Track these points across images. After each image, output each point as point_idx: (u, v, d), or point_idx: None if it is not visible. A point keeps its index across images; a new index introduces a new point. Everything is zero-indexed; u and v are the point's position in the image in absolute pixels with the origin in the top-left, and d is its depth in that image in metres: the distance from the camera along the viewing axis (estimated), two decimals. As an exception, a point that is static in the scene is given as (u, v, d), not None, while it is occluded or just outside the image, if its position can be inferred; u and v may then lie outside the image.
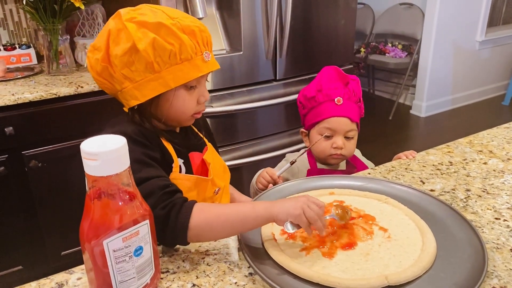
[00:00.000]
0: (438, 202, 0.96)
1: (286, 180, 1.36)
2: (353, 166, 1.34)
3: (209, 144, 1.10)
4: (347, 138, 1.28)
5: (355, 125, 1.28)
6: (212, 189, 1.03)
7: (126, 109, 0.95)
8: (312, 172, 1.31)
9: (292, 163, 1.21)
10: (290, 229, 0.77)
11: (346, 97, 1.26)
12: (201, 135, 1.10)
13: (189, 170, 0.99)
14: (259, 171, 1.29)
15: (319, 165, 1.33)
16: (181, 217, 0.78)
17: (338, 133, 1.26)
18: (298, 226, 0.78)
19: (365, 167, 1.33)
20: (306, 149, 1.29)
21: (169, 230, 0.78)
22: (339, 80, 1.27)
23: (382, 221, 0.90)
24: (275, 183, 1.22)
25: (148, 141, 0.90)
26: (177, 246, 0.86)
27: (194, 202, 0.81)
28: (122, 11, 0.88)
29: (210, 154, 1.06)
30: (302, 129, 1.37)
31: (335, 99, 1.25)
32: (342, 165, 1.35)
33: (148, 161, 0.86)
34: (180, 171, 0.96)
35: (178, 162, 0.96)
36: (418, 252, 0.80)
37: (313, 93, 1.28)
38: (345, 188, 1.04)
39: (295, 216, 0.77)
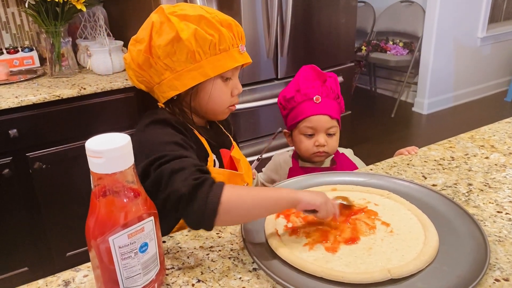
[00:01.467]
0: (440, 196, 0.96)
1: (270, 178, 1.38)
2: (335, 163, 1.34)
3: (234, 143, 1.14)
4: (329, 135, 1.29)
5: (335, 122, 1.29)
6: (242, 184, 1.06)
7: (161, 104, 0.99)
8: (294, 170, 1.32)
9: (258, 159, 1.23)
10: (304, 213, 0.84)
11: (324, 95, 1.27)
12: (228, 134, 1.14)
13: (221, 165, 1.02)
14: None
15: (301, 163, 1.35)
16: (214, 189, 0.76)
17: (319, 131, 1.27)
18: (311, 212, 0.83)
19: (354, 167, 1.33)
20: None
21: (200, 201, 0.75)
22: (316, 78, 1.28)
23: (384, 216, 0.91)
24: None
25: (186, 131, 0.93)
26: (182, 241, 0.87)
27: (223, 182, 0.80)
28: (164, 6, 0.94)
29: (237, 151, 1.10)
30: (284, 130, 1.39)
31: (314, 98, 1.26)
32: (326, 163, 1.35)
33: (186, 146, 0.89)
34: (214, 165, 0.99)
35: (212, 156, 0.99)
36: (420, 246, 0.80)
37: (292, 93, 1.29)
38: (348, 184, 1.04)
39: (319, 203, 0.81)
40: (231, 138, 1.15)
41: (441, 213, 0.91)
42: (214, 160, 1.00)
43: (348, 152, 1.41)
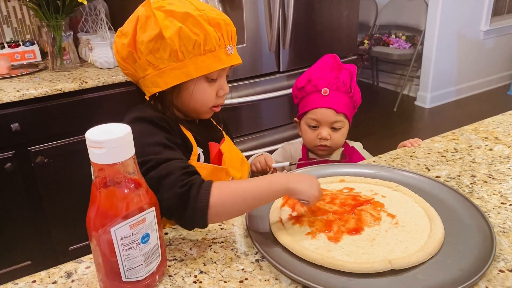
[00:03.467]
0: (449, 189, 0.95)
1: (281, 167, 1.38)
2: (346, 157, 1.34)
3: (226, 136, 1.12)
4: (334, 129, 1.28)
5: (342, 116, 1.27)
6: (226, 179, 1.04)
7: (147, 97, 0.98)
8: (303, 163, 1.32)
9: (291, 164, 1.23)
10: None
11: (334, 88, 1.25)
12: (220, 128, 1.13)
13: (207, 160, 1.01)
14: (257, 154, 1.31)
15: (310, 155, 1.35)
16: (201, 195, 0.77)
17: (323, 124, 1.27)
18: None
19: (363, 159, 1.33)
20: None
21: (189, 209, 0.77)
22: (332, 70, 1.27)
23: (390, 207, 0.90)
24: (265, 172, 1.25)
25: (170, 127, 0.92)
26: (184, 233, 0.86)
27: (211, 181, 0.80)
28: None
29: (226, 145, 1.08)
30: (295, 118, 1.38)
31: (322, 90, 1.25)
32: (336, 157, 1.34)
33: (170, 145, 0.88)
34: (199, 160, 0.98)
35: (197, 150, 0.98)
36: (425, 238, 0.80)
37: (304, 83, 1.29)
38: (356, 175, 1.03)
39: (310, 196, 0.82)
40: (223, 132, 1.12)
41: (450, 207, 0.89)
42: (199, 154, 0.98)
43: (358, 146, 1.40)
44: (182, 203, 0.77)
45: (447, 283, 0.69)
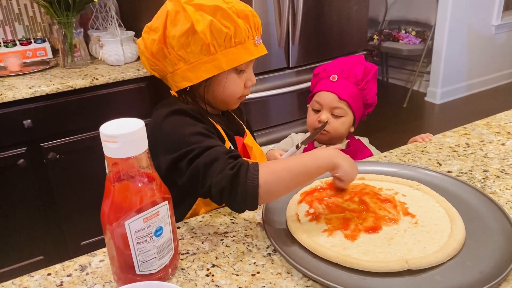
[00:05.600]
0: (472, 189, 0.93)
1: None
2: (350, 147, 1.34)
3: (247, 130, 1.13)
4: (334, 116, 1.29)
5: (343, 104, 1.28)
6: None
7: (173, 92, 0.99)
8: (308, 150, 1.32)
9: (297, 147, 1.23)
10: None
11: (344, 76, 1.28)
12: (240, 121, 1.14)
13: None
14: (268, 149, 1.33)
15: (316, 144, 1.37)
16: (251, 174, 0.78)
17: (324, 107, 1.30)
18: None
19: (369, 153, 1.33)
20: (311, 135, 1.29)
21: (240, 189, 0.77)
22: (352, 64, 1.28)
23: (411, 207, 0.88)
24: None
25: (204, 118, 0.93)
26: (196, 227, 0.87)
27: (257, 162, 0.82)
28: None
29: (250, 139, 1.10)
30: (307, 105, 1.42)
31: (331, 76, 1.28)
32: (341, 146, 1.35)
33: (210, 134, 0.89)
34: None
35: (228, 143, 0.99)
36: (445, 239, 0.78)
37: (319, 70, 1.33)
38: (377, 174, 1.02)
39: (352, 179, 0.87)
40: (244, 126, 1.14)
41: (473, 207, 0.87)
42: (230, 147, 0.99)
43: (364, 140, 1.40)
44: (234, 184, 0.78)
45: (466, 285, 0.68)
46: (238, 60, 0.92)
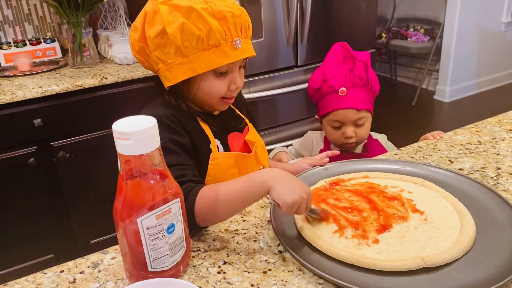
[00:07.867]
0: (477, 184, 0.92)
1: (298, 153, 1.37)
2: (367, 150, 1.33)
3: (250, 125, 1.11)
4: (357, 125, 1.27)
5: (363, 112, 1.26)
6: (257, 167, 1.04)
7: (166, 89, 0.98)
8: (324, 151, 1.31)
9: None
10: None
11: (351, 85, 1.24)
12: (242, 116, 1.10)
13: (226, 150, 1.00)
14: (274, 151, 1.33)
15: (332, 146, 1.34)
16: (188, 206, 0.78)
17: (346, 124, 1.27)
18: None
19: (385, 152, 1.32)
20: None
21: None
22: (344, 61, 1.25)
23: (418, 203, 0.88)
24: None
25: (180, 125, 0.92)
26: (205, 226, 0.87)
27: (199, 188, 0.81)
28: None
29: (252, 134, 1.08)
30: (316, 116, 1.38)
31: (339, 90, 1.24)
32: (358, 149, 1.34)
33: (173, 148, 0.88)
34: (218, 150, 0.98)
35: (215, 142, 0.98)
36: (456, 234, 0.78)
37: (319, 83, 1.27)
38: (381, 171, 1.02)
39: (288, 205, 0.75)
40: (247, 121, 1.11)
41: (479, 202, 0.87)
42: (218, 146, 0.98)
43: (382, 138, 1.38)
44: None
45: (484, 280, 0.68)
46: (212, 63, 0.89)
